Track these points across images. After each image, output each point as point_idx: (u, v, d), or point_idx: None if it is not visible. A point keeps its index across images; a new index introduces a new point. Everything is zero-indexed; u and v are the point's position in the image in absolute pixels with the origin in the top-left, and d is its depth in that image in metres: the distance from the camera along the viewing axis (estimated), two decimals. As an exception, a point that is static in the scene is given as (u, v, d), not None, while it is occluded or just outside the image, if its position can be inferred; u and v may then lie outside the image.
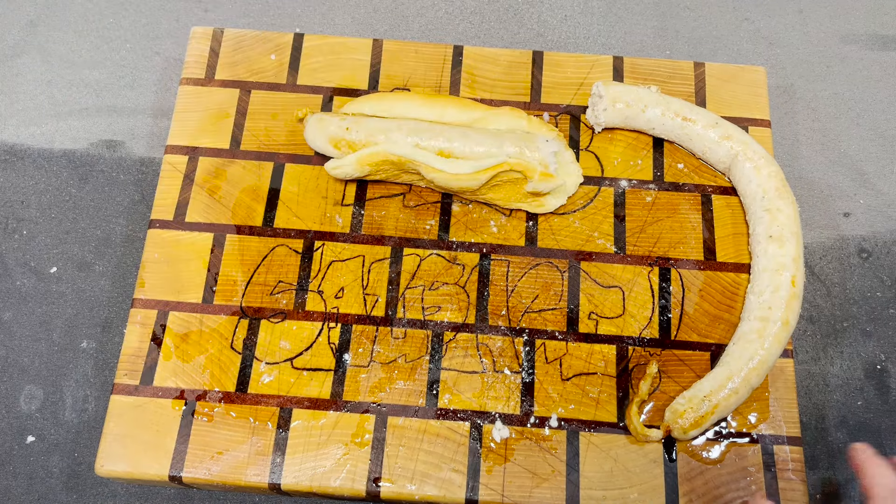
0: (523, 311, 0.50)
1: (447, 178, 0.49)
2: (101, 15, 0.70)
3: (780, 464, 0.46)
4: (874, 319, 0.58)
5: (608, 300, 0.51)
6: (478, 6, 0.71)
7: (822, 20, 0.71)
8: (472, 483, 0.45)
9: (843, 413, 0.56)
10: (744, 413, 0.47)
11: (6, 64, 0.68)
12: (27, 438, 0.54)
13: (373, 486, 0.45)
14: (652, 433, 0.46)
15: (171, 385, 0.48)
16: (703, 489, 0.46)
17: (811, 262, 0.60)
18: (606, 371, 0.49)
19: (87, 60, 0.68)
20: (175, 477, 0.45)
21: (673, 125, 0.53)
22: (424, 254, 0.52)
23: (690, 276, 0.51)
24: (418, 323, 0.50)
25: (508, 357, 0.49)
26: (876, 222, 0.62)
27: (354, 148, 0.51)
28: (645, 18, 0.71)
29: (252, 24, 0.70)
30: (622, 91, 0.53)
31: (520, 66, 0.58)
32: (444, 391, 0.48)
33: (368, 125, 0.51)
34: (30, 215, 0.62)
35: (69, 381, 0.56)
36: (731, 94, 0.57)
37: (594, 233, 0.52)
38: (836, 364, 0.57)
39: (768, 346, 0.46)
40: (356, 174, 0.51)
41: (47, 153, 0.64)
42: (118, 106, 0.66)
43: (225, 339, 0.49)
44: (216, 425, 0.47)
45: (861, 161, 0.64)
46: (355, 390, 0.48)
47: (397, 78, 0.57)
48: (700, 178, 0.54)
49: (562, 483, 0.46)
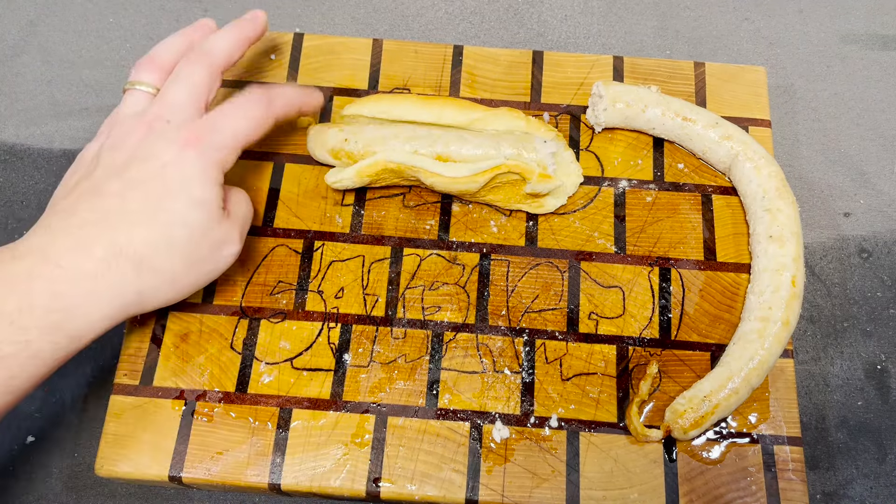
0: (523, 311, 0.50)
1: (446, 183, 0.49)
2: (101, 15, 0.70)
3: (781, 464, 0.46)
4: (874, 319, 0.58)
5: (608, 300, 0.51)
6: (478, 6, 0.71)
7: (823, 20, 0.71)
8: (472, 483, 0.45)
9: (844, 413, 0.56)
10: (744, 413, 0.47)
11: (6, 64, 0.68)
12: (27, 438, 0.54)
13: (373, 486, 0.45)
14: (652, 433, 0.46)
15: (171, 385, 0.48)
16: (703, 489, 0.46)
17: (811, 262, 0.60)
18: (606, 371, 0.49)
19: (87, 60, 0.68)
20: (175, 477, 0.45)
21: (673, 125, 0.53)
22: (424, 254, 0.52)
23: (691, 276, 0.51)
24: (418, 323, 0.50)
25: (508, 357, 0.49)
26: (876, 222, 0.62)
27: (354, 158, 0.51)
28: (645, 18, 0.71)
29: (252, 24, 0.70)
30: (622, 91, 0.53)
31: (520, 66, 0.58)
32: (444, 391, 0.48)
33: (366, 134, 0.51)
34: (30, 215, 0.62)
35: (69, 381, 0.56)
36: (732, 94, 0.57)
37: (594, 233, 0.52)
38: (836, 364, 0.57)
39: (768, 346, 0.46)
40: (357, 185, 0.52)
41: (47, 153, 0.64)
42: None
43: (225, 339, 0.49)
44: (216, 425, 0.47)
45: (861, 161, 0.64)
46: (355, 390, 0.48)
47: (397, 78, 0.57)
48: (700, 178, 0.54)
49: (562, 483, 0.46)
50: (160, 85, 0.46)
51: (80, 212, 0.41)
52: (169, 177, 0.42)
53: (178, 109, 0.44)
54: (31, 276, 0.38)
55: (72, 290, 0.39)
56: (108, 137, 0.44)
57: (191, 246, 0.42)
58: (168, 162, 0.42)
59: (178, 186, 0.42)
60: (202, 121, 0.44)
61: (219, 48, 0.47)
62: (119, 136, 0.44)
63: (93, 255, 0.39)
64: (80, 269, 0.39)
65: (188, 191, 0.42)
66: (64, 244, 0.39)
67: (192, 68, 0.45)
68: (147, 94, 0.46)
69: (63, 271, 0.39)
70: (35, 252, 0.39)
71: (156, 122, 0.43)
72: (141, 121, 0.44)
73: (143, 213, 0.41)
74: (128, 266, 0.40)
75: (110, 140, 0.44)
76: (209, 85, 0.45)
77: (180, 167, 0.42)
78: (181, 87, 0.44)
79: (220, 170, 0.43)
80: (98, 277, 0.39)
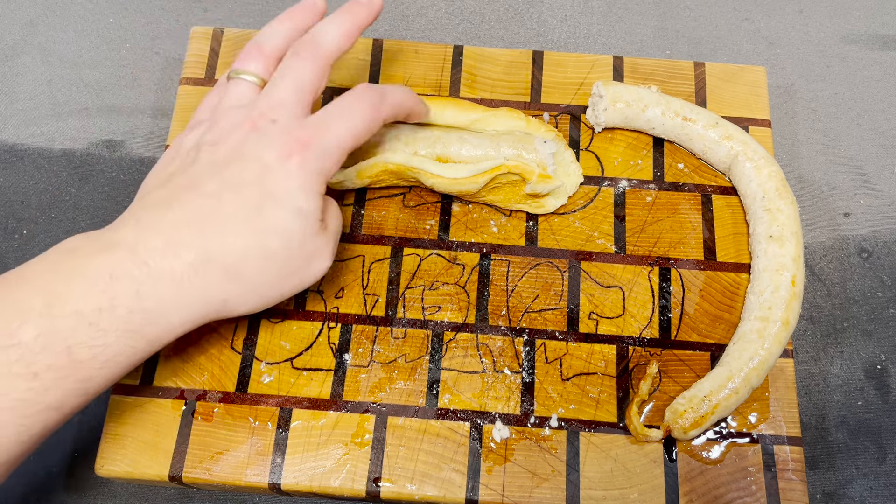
0: (523, 311, 0.50)
1: (446, 184, 0.49)
2: (101, 15, 0.70)
3: (781, 464, 0.46)
4: (874, 319, 0.58)
5: (608, 300, 0.51)
6: (478, 6, 0.71)
7: (823, 20, 0.71)
8: (472, 483, 0.45)
9: (843, 413, 0.56)
10: (744, 413, 0.47)
11: (6, 64, 0.68)
12: (27, 438, 0.54)
13: (373, 486, 0.45)
14: (652, 433, 0.46)
15: (171, 385, 0.48)
16: (703, 489, 0.46)
17: (811, 262, 0.60)
18: (606, 371, 0.49)
19: (87, 60, 0.68)
20: (175, 477, 0.45)
21: (673, 125, 0.53)
22: (424, 254, 0.52)
23: (691, 276, 0.51)
24: (418, 323, 0.50)
25: (508, 357, 0.49)
26: (876, 222, 0.62)
27: (354, 159, 0.51)
28: (645, 18, 0.71)
29: (252, 24, 0.70)
30: (622, 91, 0.53)
31: (520, 66, 0.58)
32: (444, 391, 0.48)
33: None
34: (30, 215, 0.62)
35: (69, 381, 0.56)
36: (732, 93, 0.57)
37: (594, 233, 0.52)
38: (836, 364, 0.57)
39: (768, 346, 0.46)
40: (357, 186, 0.52)
41: (47, 153, 0.64)
42: (118, 106, 0.66)
43: (225, 339, 0.49)
44: (216, 425, 0.47)
45: (861, 161, 0.64)
46: (355, 390, 0.48)
47: (397, 78, 0.57)
48: (700, 178, 0.54)
49: (562, 483, 0.46)
50: (265, 75, 0.44)
51: (173, 209, 0.38)
52: (270, 182, 0.39)
53: (285, 108, 0.41)
54: (116, 275, 0.36)
55: (156, 291, 0.37)
56: (208, 130, 0.42)
57: (285, 257, 0.40)
58: (271, 166, 0.39)
59: (279, 193, 0.39)
60: (309, 124, 0.41)
61: (329, 39, 0.43)
62: (221, 131, 0.41)
63: (183, 259, 0.37)
64: (167, 271, 0.37)
65: (289, 199, 0.39)
66: (154, 243, 0.37)
67: (300, 63, 0.42)
68: (252, 84, 0.43)
69: (150, 271, 0.36)
70: (122, 247, 0.37)
71: (260, 119, 0.40)
72: (246, 117, 0.41)
73: (240, 218, 0.38)
74: (217, 272, 0.38)
75: (211, 133, 0.41)
76: (317, 81, 0.42)
77: (283, 173, 0.39)
78: (288, 84, 0.41)
79: (323, 179, 0.41)
80: (185, 281, 0.37)
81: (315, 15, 0.46)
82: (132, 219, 0.39)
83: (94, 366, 0.36)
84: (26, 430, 0.35)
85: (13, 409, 0.34)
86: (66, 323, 0.35)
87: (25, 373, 0.34)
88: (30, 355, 0.34)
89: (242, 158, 0.40)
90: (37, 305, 0.35)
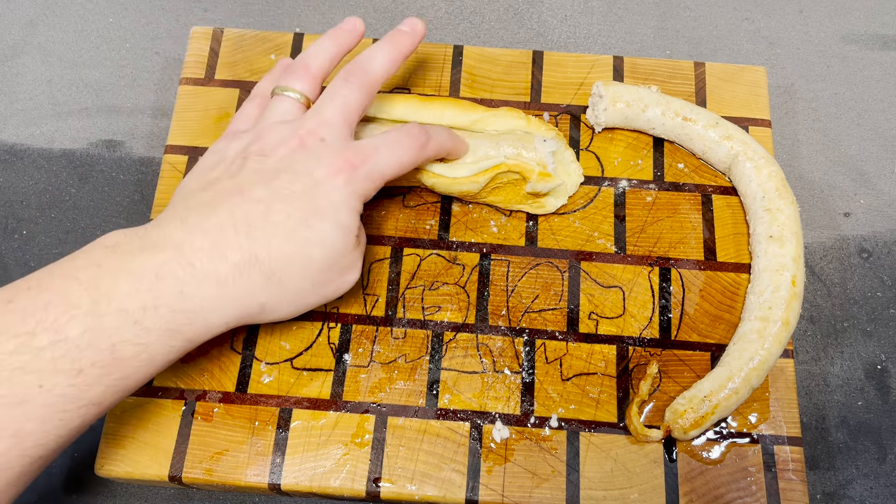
0: (523, 311, 0.50)
1: (447, 184, 0.49)
2: (101, 15, 0.70)
3: (781, 464, 0.46)
4: (875, 319, 0.58)
5: (608, 300, 0.51)
6: (478, 6, 0.71)
7: (823, 20, 0.71)
8: (473, 483, 0.45)
9: (844, 413, 0.56)
10: (744, 413, 0.47)
11: (6, 64, 0.68)
12: (27, 438, 0.54)
13: (373, 486, 0.45)
14: (652, 433, 0.46)
15: (171, 385, 0.48)
16: (703, 489, 0.46)
17: (811, 262, 0.60)
18: (606, 371, 0.49)
19: (87, 60, 0.68)
20: (175, 477, 0.45)
21: (673, 125, 0.53)
22: (424, 254, 0.52)
23: (691, 276, 0.51)
24: (418, 323, 0.50)
25: (508, 357, 0.49)
26: (876, 222, 0.62)
27: None
28: (645, 18, 0.71)
29: (252, 23, 0.70)
30: (622, 91, 0.53)
31: (520, 66, 0.58)
32: (444, 391, 0.48)
33: (367, 135, 0.51)
34: (30, 215, 0.62)
35: (69, 382, 0.56)
36: (732, 93, 0.57)
37: (594, 233, 0.52)
38: (836, 364, 0.57)
39: (769, 346, 0.46)
40: None
41: (47, 153, 0.64)
42: (118, 106, 0.66)
43: (225, 339, 0.49)
44: (216, 425, 0.47)
45: (861, 161, 0.64)
46: (355, 390, 0.48)
47: (397, 78, 0.57)
48: (700, 178, 0.54)
49: (562, 483, 0.46)
50: (310, 94, 0.46)
51: (221, 212, 0.39)
52: (318, 196, 0.41)
53: (332, 129, 0.43)
54: (162, 274, 0.37)
55: (199, 292, 0.38)
56: (254, 141, 0.43)
57: (324, 267, 0.42)
58: (320, 181, 0.41)
59: (325, 207, 0.41)
60: (358, 148, 0.43)
61: (376, 66, 0.46)
62: (270, 143, 0.43)
63: (228, 260, 0.38)
64: (212, 272, 0.38)
65: (334, 213, 0.41)
66: (201, 243, 0.38)
67: (349, 87, 0.45)
68: (296, 102, 0.46)
69: (195, 272, 0.37)
70: (168, 247, 0.38)
71: (308, 137, 0.42)
72: (294, 133, 0.43)
73: (286, 227, 0.40)
74: (259, 276, 0.39)
75: (258, 144, 0.43)
76: (362, 105, 0.45)
77: (331, 189, 0.41)
78: (337, 106, 0.44)
79: (363, 200, 0.43)
80: (228, 283, 0.38)
81: (356, 36, 0.49)
82: (177, 219, 0.40)
83: (135, 364, 0.37)
84: (65, 426, 0.35)
85: (55, 405, 0.35)
86: (112, 320, 0.35)
87: (70, 369, 0.35)
88: (75, 351, 0.35)
89: (292, 171, 0.41)
90: (84, 302, 0.35)
